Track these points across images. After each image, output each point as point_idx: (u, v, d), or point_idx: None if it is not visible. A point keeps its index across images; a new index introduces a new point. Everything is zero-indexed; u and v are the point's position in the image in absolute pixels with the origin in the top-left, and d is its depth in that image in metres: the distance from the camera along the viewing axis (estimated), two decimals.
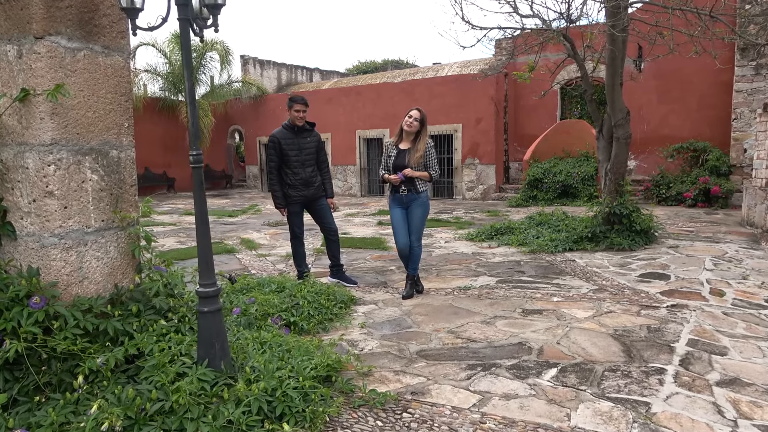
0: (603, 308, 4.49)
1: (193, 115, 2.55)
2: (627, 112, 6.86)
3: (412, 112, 4.89)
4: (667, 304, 4.56)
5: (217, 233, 9.82)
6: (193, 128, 2.56)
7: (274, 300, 4.16)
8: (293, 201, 5.43)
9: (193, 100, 2.54)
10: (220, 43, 19.43)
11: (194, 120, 2.55)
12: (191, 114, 2.55)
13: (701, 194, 11.79)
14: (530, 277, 5.76)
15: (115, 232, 3.10)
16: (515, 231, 8.15)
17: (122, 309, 3.01)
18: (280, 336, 3.55)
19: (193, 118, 2.55)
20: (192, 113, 2.55)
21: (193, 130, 2.56)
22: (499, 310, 4.52)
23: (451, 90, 15.22)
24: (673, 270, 5.85)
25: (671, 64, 12.79)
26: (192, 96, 2.54)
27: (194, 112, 2.53)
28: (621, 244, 6.91)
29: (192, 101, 2.54)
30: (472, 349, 3.65)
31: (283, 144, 5.32)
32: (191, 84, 2.52)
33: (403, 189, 4.93)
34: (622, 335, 3.83)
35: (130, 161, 3.18)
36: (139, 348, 2.81)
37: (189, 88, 2.52)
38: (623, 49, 6.46)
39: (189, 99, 2.52)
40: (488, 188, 14.98)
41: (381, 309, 4.68)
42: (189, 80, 2.52)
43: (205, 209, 2.71)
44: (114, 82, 3.05)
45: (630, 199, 7.11)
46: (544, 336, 3.85)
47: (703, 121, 13.19)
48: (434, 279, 5.80)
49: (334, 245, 5.60)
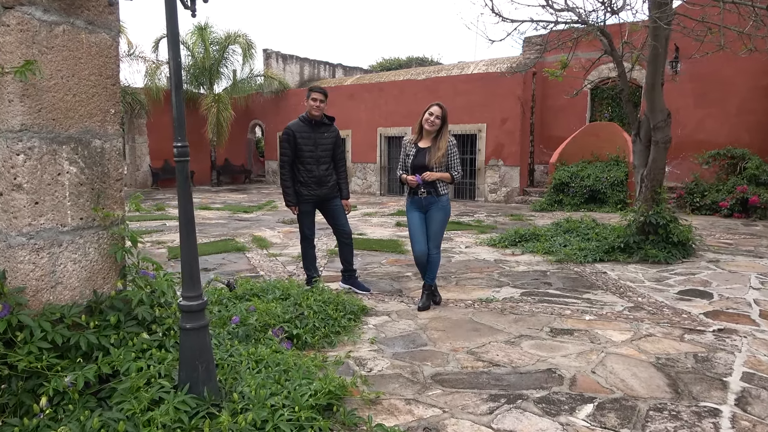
0: (641, 330, 4.04)
1: (178, 101, 2.18)
2: (668, 114, 6.35)
3: (433, 109, 4.48)
4: (714, 328, 4.08)
5: (230, 229, 9.54)
6: (178, 116, 2.19)
7: (277, 309, 3.80)
8: (304, 200, 5.07)
9: (178, 83, 2.17)
10: (243, 36, 19.22)
11: (179, 107, 2.19)
12: (176, 100, 2.18)
13: (738, 204, 11.15)
14: (558, 290, 5.31)
15: (95, 232, 2.75)
16: (541, 238, 7.68)
17: (100, 319, 2.67)
18: (279, 352, 3.17)
19: (178, 105, 2.19)
20: (177, 99, 2.18)
21: (178, 118, 2.19)
22: (525, 328, 4.09)
23: (476, 88, 14.73)
24: (716, 288, 5.35)
25: (709, 66, 12.15)
26: (177, 78, 2.17)
27: (179, 97, 2.17)
28: (656, 257, 6.40)
29: (177, 84, 2.17)
30: (495, 375, 3.23)
31: (298, 137, 4.96)
32: (177, 64, 2.15)
33: (422, 191, 4.52)
34: (665, 365, 3.38)
35: (116, 152, 2.84)
36: (114, 366, 2.46)
37: (174, 68, 2.15)
38: (666, 45, 5.96)
39: (174, 81, 2.16)
40: (512, 191, 14.48)
41: (394, 322, 4.28)
42: (174, 60, 2.15)
43: (191, 209, 2.34)
44: (99, 62, 2.70)
45: (667, 208, 6.60)
46: (577, 362, 3.42)
47: (742, 127, 12.52)
48: (453, 289, 5.38)
49: (348, 249, 5.22)
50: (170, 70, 2.15)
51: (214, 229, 9.63)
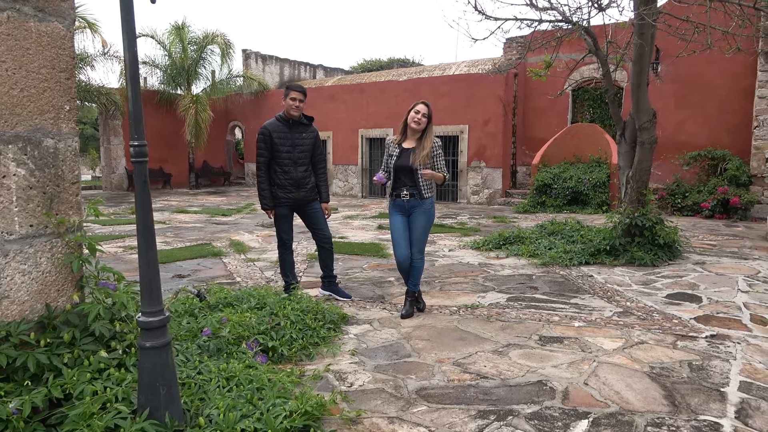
0: (633, 337, 3.89)
1: (135, 95, 1.96)
2: (653, 114, 6.26)
3: (419, 107, 4.30)
4: (706, 334, 3.95)
5: (207, 233, 9.25)
6: (134, 112, 1.97)
7: (252, 319, 3.57)
8: (281, 203, 4.84)
9: (134, 75, 1.95)
10: (222, 36, 18.88)
11: (135, 101, 1.96)
12: (132, 94, 1.96)
13: (719, 205, 11.17)
14: (545, 295, 5.15)
15: (48, 240, 2.51)
16: (525, 240, 7.55)
17: (52, 336, 2.43)
18: (253, 368, 2.96)
19: (135, 99, 1.96)
20: (133, 93, 1.96)
21: (134, 113, 1.97)
22: (513, 337, 3.92)
23: (458, 89, 14.61)
24: (704, 291, 5.25)
25: (690, 67, 12.18)
26: (134, 69, 1.94)
27: (136, 91, 1.94)
28: (643, 259, 6.30)
29: (133, 76, 1.95)
30: (483, 388, 3.05)
31: (275, 137, 4.73)
32: (133, 55, 1.93)
33: (405, 193, 4.33)
34: (660, 374, 3.23)
35: (72, 153, 2.60)
36: (67, 389, 2.23)
37: (130, 59, 1.93)
38: (652, 44, 5.86)
39: (129, 73, 1.93)
40: (494, 193, 14.38)
41: (376, 331, 4.08)
42: (130, 51, 1.93)
43: (150, 217, 2.12)
44: (50, 54, 2.46)
45: (654, 210, 6.51)
46: (568, 373, 3.25)
47: (722, 128, 12.57)
48: (437, 294, 5.20)
49: (328, 254, 5.01)
50: (125, 61, 1.93)
51: (190, 233, 9.34)
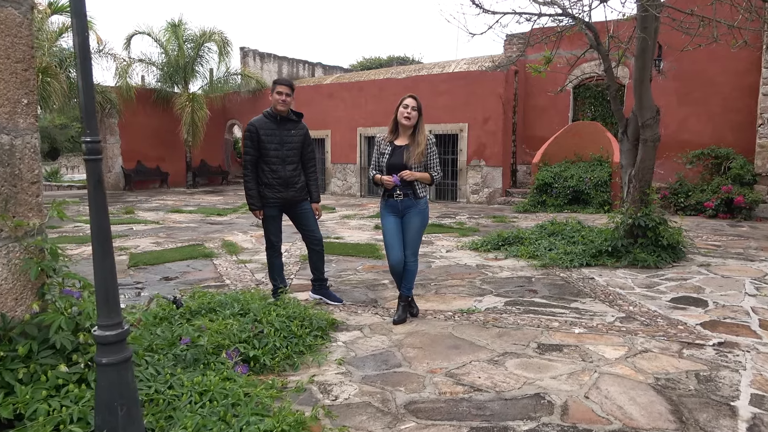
0: (636, 345, 3.69)
1: (86, 80, 1.76)
2: (657, 111, 6.04)
3: (407, 101, 4.10)
4: (714, 342, 3.75)
5: (200, 234, 9.06)
6: (86, 101, 1.77)
7: (234, 327, 3.38)
8: (269, 203, 4.65)
9: (85, 56, 1.75)
10: (219, 33, 18.66)
11: (87, 89, 1.77)
12: (83, 83, 1.76)
13: (723, 204, 10.96)
14: (544, 299, 4.96)
15: (4, 245, 2.32)
16: (525, 241, 7.35)
17: (7, 349, 2.24)
18: (231, 380, 2.77)
19: (86, 86, 1.76)
20: (84, 79, 1.76)
21: (86, 103, 1.77)
22: (510, 344, 3.73)
23: (458, 87, 14.40)
24: (710, 294, 5.05)
25: (692, 64, 11.97)
26: (84, 50, 1.74)
27: (87, 75, 1.75)
28: (646, 261, 6.10)
29: (84, 57, 1.75)
30: (477, 402, 2.86)
31: (262, 134, 4.55)
32: (83, 38, 1.73)
33: (399, 193, 4.13)
34: (666, 387, 3.03)
35: (31, 150, 2.40)
36: (18, 409, 2.04)
37: (80, 42, 1.73)
38: (655, 38, 5.66)
39: (80, 55, 1.74)
40: (494, 192, 14.17)
41: (366, 338, 3.88)
42: (80, 34, 1.73)
43: (106, 221, 1.92)
44: (5, 43, 2.27)
45: (658, 210, 6.30)
46: (568, 385, 3.06)
47: (726, 126, 12.34)
48: (432, 298, 5.00)
49: (318, 256, 4.82)
50: (74, 44, 1.73)
51: (183, 233, 9.15)
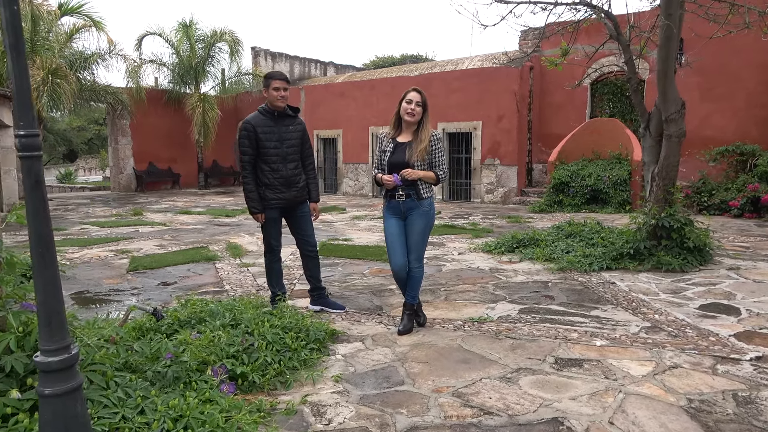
0: (665, 360, 3.35)
1: (20, 69, 1.49)
2: (682, 104, 5.67)
3: (411, 95, 3.81)
4: (750, 356, 3.40)
5: (206, 236, 8.85)
6: (18, 90, 1.50)
7: (222, 340, 3.11)
8: (271, 205, 4.37)
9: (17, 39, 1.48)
10: (230, 33, 18.52)
11: (21, 77, 1.50)
12: (15, 67, 1.49)
13: (749, 203, 10.48)
14: (561, 306, 4.63)
15: None
16: (540, 243, 7.00)
17: None
18: (212, 402, 2.49)
19: (20, 75, 1.50)
20: (17, 65, 1.49)
21: (19, 92, 1.50)
22: (524, 359, 3.41)
23: (471, 85, 14.04)
24: (742, 301, 4.68)
25: (714, 58, 11.49)
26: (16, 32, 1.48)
27: (21, 60, 1.48)
28: (670, 264, 5.72)
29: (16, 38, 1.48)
30: (487, 428, 2.55)
31: (260, 132, 4.27)
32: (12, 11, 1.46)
33: (401, 194, 3.83)
34: (700, 410, 2.70)
35: None
36: None
37: (9, 17, 1.46)
38: (680, 26, 5.29)
39: (10, 39, 1.47)
40: (509, 191, 13.80)
41: (368, 350, 3.59)
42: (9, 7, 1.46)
43: (47, 226, 1.65)
44: None
45: (682, 210, 5.92)
46: (589, 407, 2.73)
47: (751, 122, 11.85)
48: (441, 305, 4.70)
49: (314, 262, 4.53)
50: (2, 21, 1.46)
51: (188, 235, 8.94)
